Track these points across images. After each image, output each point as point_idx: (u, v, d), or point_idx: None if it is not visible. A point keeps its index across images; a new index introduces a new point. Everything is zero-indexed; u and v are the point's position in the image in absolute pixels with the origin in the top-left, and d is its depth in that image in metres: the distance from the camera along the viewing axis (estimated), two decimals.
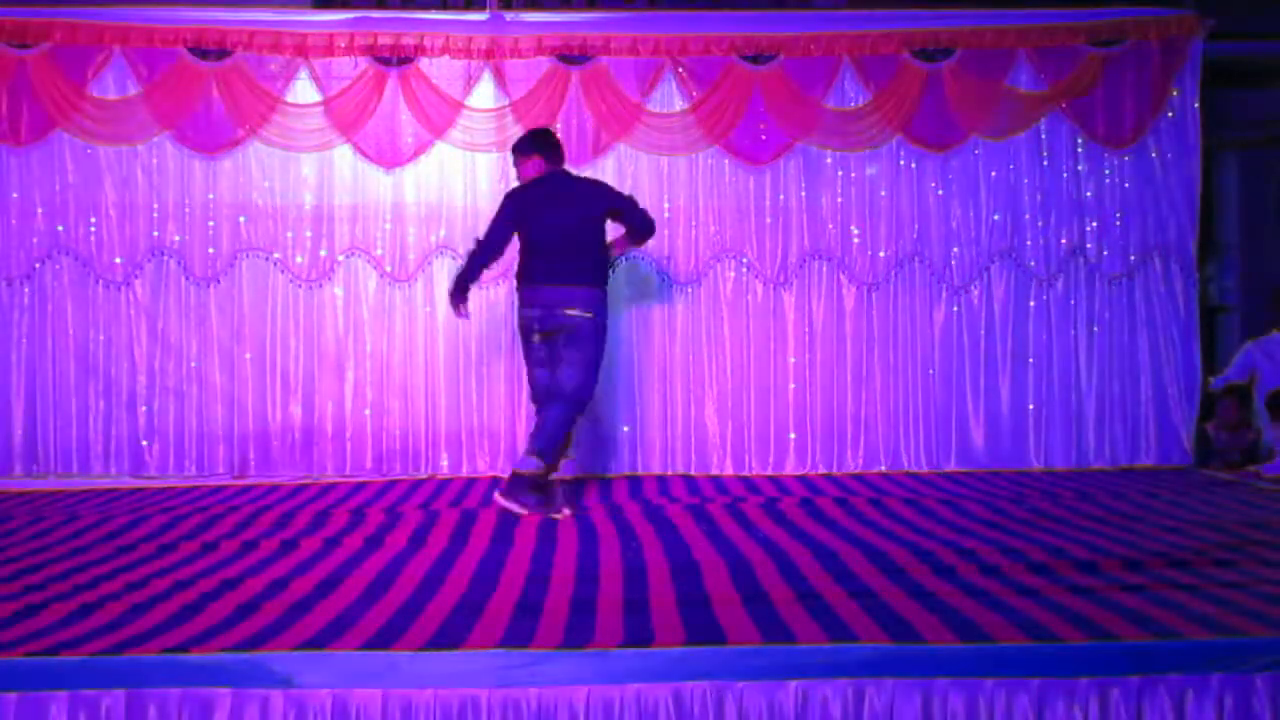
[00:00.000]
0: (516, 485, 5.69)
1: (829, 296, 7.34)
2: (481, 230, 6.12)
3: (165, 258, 7.14)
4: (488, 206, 6.75)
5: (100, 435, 7.10)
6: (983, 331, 7.37)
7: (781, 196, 7.32)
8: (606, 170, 7.21)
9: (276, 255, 7.17)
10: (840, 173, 7.33)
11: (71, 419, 7.09)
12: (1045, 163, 7.37)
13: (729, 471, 7.23)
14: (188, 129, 7.06)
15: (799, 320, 7.34)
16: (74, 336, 7.10)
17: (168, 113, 7.01)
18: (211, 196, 7.15)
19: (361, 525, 5.45)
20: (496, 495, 5.72)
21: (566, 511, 5.67)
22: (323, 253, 7.20)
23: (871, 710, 3.25)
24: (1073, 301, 7.38)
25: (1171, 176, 7.35)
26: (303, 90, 7.12)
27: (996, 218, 7.36)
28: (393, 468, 7.19)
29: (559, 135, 6.37)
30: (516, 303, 6.06)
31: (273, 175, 7.17)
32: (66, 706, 3.20)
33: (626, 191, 6.34)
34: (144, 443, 7.12)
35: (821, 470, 7.24)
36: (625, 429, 7.28)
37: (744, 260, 7.31)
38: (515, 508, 5.61)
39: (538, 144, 6.04)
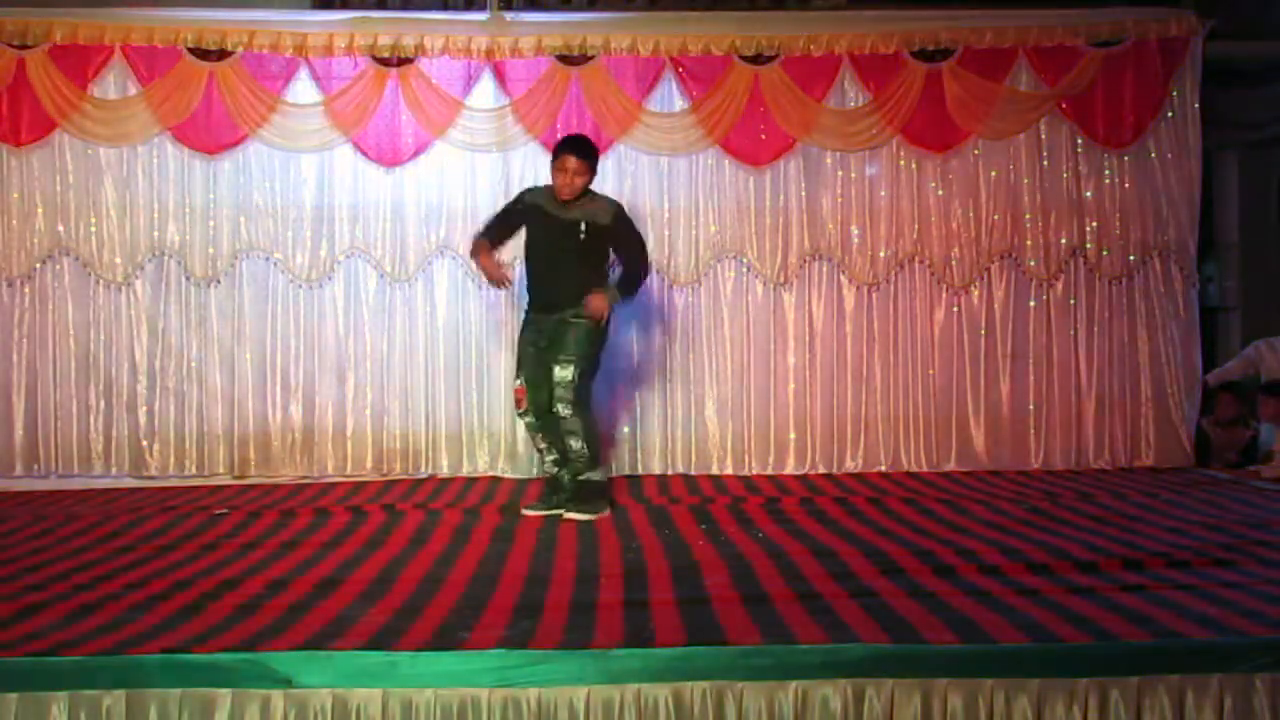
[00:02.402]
0: (590, 495, 5.73)
1: (829, 296, 7.34)
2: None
3: (165, 258, 7.14)
4: (487, 206, 6.76)
5: (100, 435, 7.10)
6: (983, 332, 7.37)
7: (781, 196, 7.31)
8: (606, 170, 7.20)
9: (277, 255, 7.17)
10: (840, 173, 7.33)
11: (72, 419, 7.09)
12: (1045, 163, 7.36)
13: (729, 471, 7.22)
14: (188, 129, 7.07)
15: (799, 320, 7.33)
16: (74, 336, 7.10)
17: (168, 113, 7.01)
18: (211, 196, 7.15)
19: (361, 525, 5.45)
20: (571, 514, 5.64)
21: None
22: (323, 253, 7.20)
23: (871, 710, 3.25)
24: (1073, 301, 7.38)
25: (1171, 176, 7.35)
26: (303, 90, 7.13)
27: (996, 218, 7.36)
28: (393, 468, 7.19)
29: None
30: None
31: (273, 175, 7.17)
32: (66, 706, 3.20)
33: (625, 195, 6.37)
34: (144, 443, 7.12)
35: (821, 470, 7.24)
36: (625, 429, 7.28)
37: (744, 260, 7.31)
38: (602, 513, 5.67)
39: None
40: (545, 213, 5.77)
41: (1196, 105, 7.33)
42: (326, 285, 7.21)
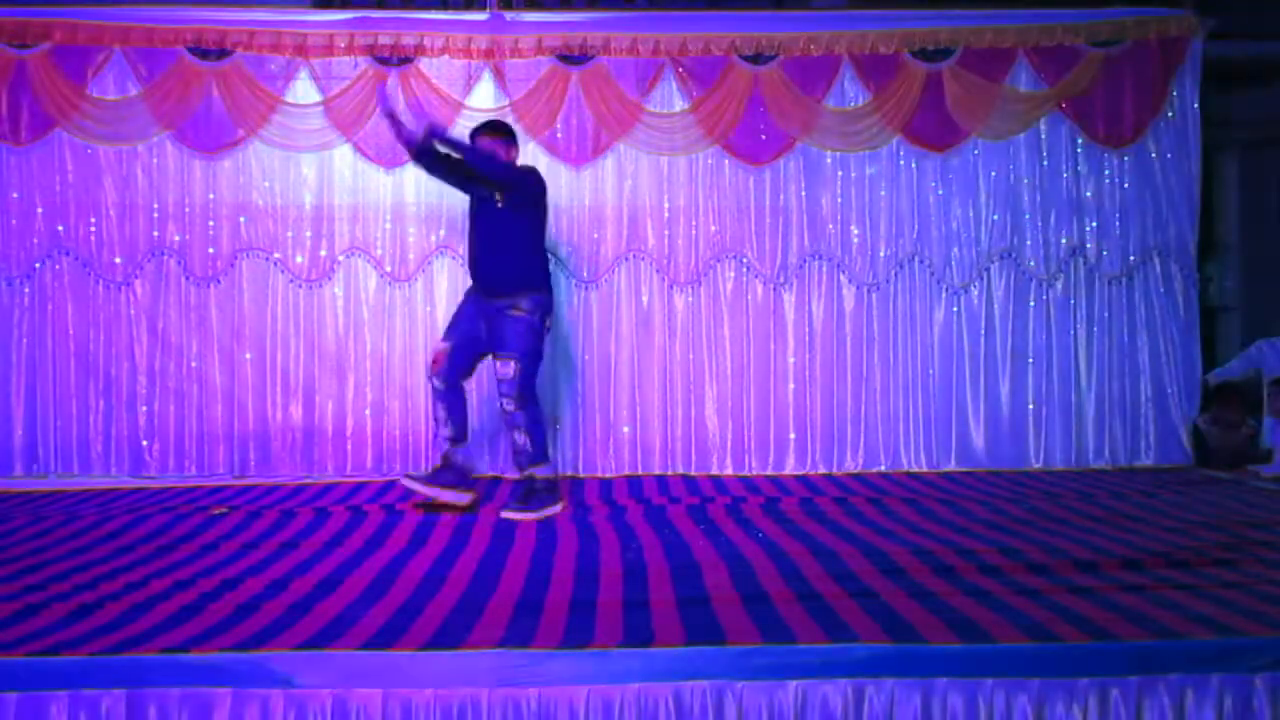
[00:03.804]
0: (536, 492, 5.76)
1: (829, 296, 7.34)
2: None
3: (165, 258, 7.14)
4: None
5: (100, 435, 7.09)
6: (983, 331, 7.37)
7: (781, 196, 7.31)
8: (606, 170, 7.22)
9: (276, 255, 7.17)
10: (840, 173, 7.33)
11: (71, 419, 7.08)
12: (1045, 163, 7.37)
13: (729, 471, 7.22)
14: (188, 129, 7.07)
15: (799, 320, 7.33)
16: (74, 336, 7.09)
17: (168, 112, 7.02)
18: (211, 196, 7.15)
19: (361, 525, 5.45)
20: (514, 514, 5.65)
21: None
22: (323, 253, 7.20)
23: (871, 710, 3.25)
24: (1073, 301, 7.38)
25: (1171, 176, 7.35)
26: (303, 90, 7.12)
27: (996, 218, 7.36)
28: (393, 468, 7.18)
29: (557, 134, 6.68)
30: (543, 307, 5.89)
31: (273, 175, 7.17)
32: (66, 706, 3.20)
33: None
34: (144, 443, 7.11)
35: (821, 470, 7.23)
36: (625, 429, 7.27)
37: (744, 260, 7.31)
38: (550, 510, 5.69)
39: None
40: (478, 196, 5.91)
41: (1196, 105, 7.33)
42: (326, 285, 7.21)
